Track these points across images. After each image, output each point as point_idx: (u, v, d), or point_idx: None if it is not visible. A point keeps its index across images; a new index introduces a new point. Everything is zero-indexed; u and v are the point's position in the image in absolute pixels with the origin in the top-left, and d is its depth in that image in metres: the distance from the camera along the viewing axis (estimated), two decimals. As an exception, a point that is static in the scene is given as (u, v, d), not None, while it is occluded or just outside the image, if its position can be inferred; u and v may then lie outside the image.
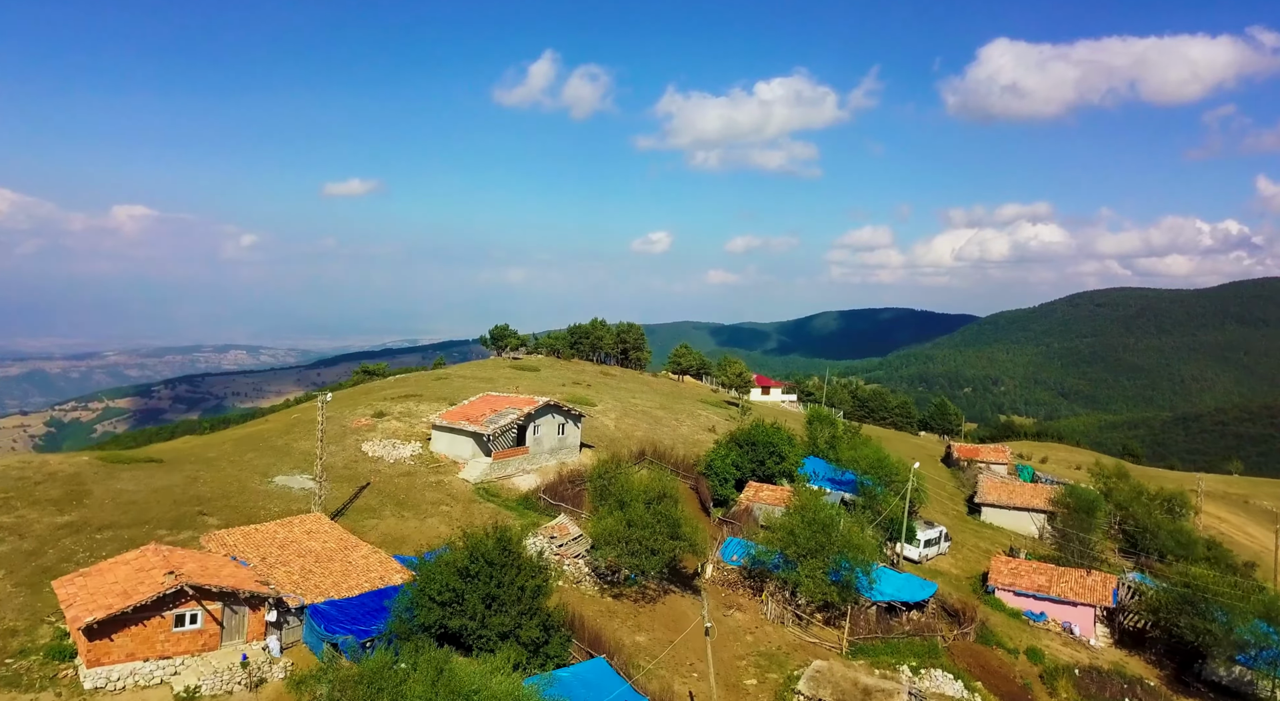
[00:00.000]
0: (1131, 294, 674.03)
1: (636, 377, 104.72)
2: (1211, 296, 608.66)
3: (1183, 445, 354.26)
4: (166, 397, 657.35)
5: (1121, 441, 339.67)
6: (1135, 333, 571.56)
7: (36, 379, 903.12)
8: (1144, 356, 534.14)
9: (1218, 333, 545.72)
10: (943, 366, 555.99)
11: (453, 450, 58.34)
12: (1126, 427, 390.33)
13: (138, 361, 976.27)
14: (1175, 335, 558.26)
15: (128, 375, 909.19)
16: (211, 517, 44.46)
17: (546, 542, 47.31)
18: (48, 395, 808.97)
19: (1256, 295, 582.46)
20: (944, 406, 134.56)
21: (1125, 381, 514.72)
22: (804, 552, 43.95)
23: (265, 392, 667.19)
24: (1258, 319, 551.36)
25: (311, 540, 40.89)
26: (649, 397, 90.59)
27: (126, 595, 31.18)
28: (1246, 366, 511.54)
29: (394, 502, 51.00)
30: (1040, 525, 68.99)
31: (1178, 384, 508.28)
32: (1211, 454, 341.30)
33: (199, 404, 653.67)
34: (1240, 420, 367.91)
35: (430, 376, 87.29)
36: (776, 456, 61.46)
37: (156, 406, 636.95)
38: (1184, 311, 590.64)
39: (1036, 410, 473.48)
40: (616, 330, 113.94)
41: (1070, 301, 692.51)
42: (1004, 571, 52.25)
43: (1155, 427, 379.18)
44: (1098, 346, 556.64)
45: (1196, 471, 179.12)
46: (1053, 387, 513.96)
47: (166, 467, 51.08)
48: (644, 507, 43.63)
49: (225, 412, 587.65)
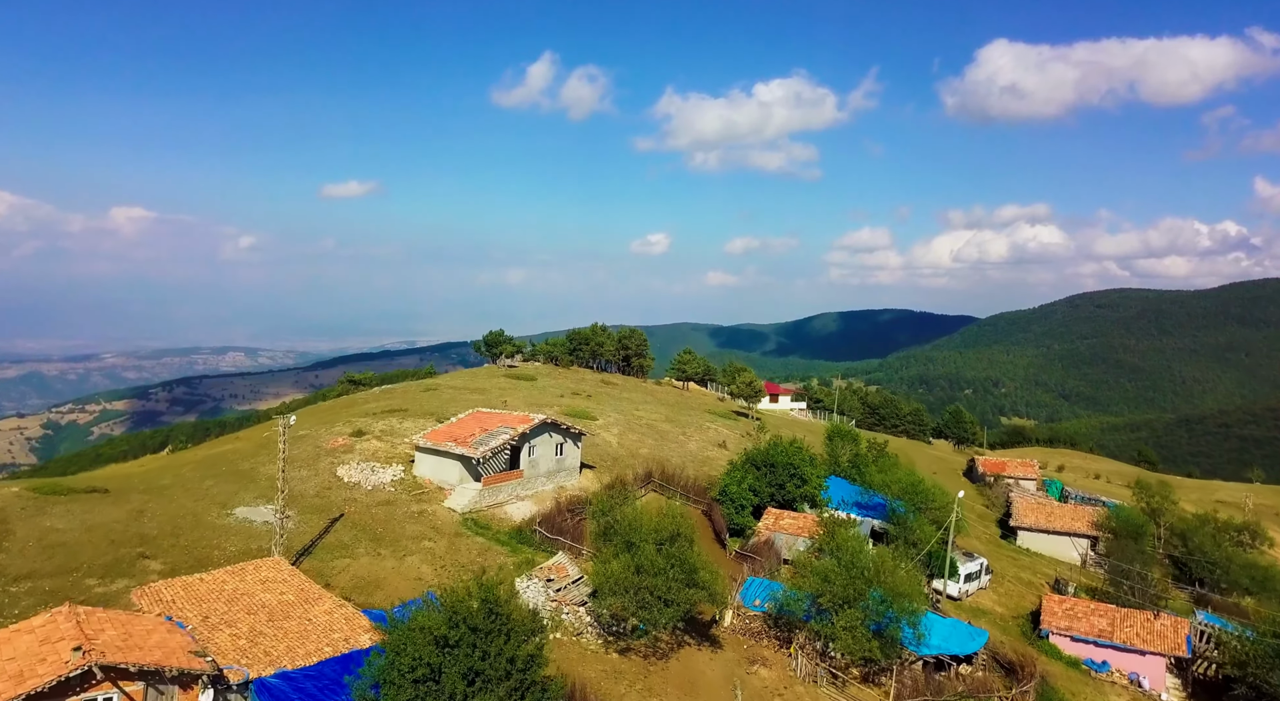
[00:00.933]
0: (1131, 295, 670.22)
1: (639, 386, 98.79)
2: (1212, 297, 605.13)
3: (1186, 448, 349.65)
4: (164, 400, 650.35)
5: (1135, 447, 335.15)
6: (1136, 334, 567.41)
7: (34, 381, 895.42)
8: (1145, 358, 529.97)
9: (1218, 334, 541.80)
10: (943, 368, 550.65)
11: (438, 475, 52.31)
12: (1129, 429, 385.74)
13: (135, 363, 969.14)
14: (1176, 336, 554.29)
15: (125, 377, 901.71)
16: (154, 561, 38.41)
17: (542, 587, 41.33)
18: (45, 397, 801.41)
19: (1257, 296, 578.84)
20: (959, 414, 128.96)
21: (1126, 383, 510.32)
22: (840, 601, 37.99)
23: (263, 395, 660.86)
24: (1258, 320, 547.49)
25: (266, 591, 34.82)
26: (653, 409, 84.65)
27: (20, 679, 25.03)
28: (1247, 368, 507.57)
29: (370, 537, 44.97)
30: (1083, 551, 63.18)
31: (1179, 385, 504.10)
32: (1216, 456, 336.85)
33: (196, 406, 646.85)
34: (1244, 422, 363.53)
35: (418, 387, 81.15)
36: (798, 479, 55.54)
37: (154, 408, 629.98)
38: (1184, 312, 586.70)
39: (1038, 412, 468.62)
40: (618, 336, 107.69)
41: (1070, 302, 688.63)
42: (1058, 613, 46.35)
43: (1158, 430, 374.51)
44: (1098, 348, 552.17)
45: (1213, 480, 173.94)
46: (1054, 389, 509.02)
47: (111, 499, 44.97)
48: (655, 550, 37.65)
49: (222, 414, 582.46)
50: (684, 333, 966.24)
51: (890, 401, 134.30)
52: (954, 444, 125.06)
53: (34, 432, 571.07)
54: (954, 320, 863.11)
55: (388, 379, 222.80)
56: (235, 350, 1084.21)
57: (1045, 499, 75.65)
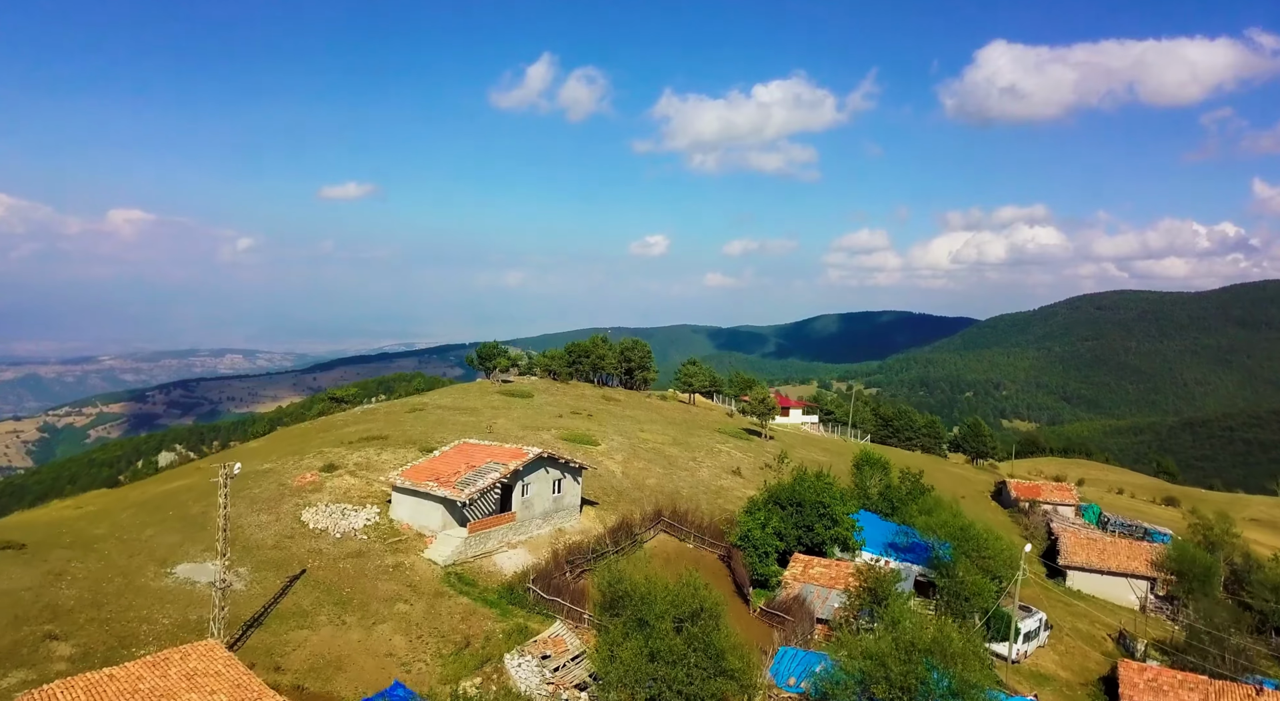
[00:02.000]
0: (1131, 297, 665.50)
1: (643, 402, 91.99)
2: (1212, 299, 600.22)
3: (1191, 452, 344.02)
4: (161, 402, 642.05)
5: (1141, 451, 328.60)
6: (1136, 336, 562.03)
7: (31, 383, 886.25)
8: (1146, 360, 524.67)
9: (1219, 336, 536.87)
10: (943, 370, 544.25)
11: (418, 519, 45.54)
12: (1133, 433, 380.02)
13: (133, 366, 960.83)
14: (1177, 338, 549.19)
15: (123, 380, 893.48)
16: (64, 643, 31.60)
17: (536, 666, 34.63)
18: (42, 400, 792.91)
19: (1258, 298, 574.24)
20: (977, 427, 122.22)
21: (1128, 385, 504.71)
22: (898, 689, 31.29)
23: (260, 397, 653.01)
24: (1259, 321, 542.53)
25: (192, 690, 28.01)
26: (660, 429, 77.92)
27: None
28: (1249, 369, 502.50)
29: (335, 600, 38.20)
30: (1142, 594, 56.62)
31: (1180, 388, 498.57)
32: (1221, 460, 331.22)
33: (193, 409, 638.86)
34: (1248, 426, 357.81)
35: (403, 408, 74.25)
36: (828, 520, 48.88)
37: (150, 411, 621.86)
38: (1185, 314, 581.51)
39: (1039, 415, 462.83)
40: (620, 348, 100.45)
41: (1070, 304, 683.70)
42: (1139, 685, 39.70)
43: (1161, 433, 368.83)
44: (1099, 350, 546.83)
45: (1236, 491, 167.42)
46: (1055, 391, 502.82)
47: (25, 557, 38.07)
48: (674, 630, 30.95)
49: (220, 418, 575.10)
50: (683, 335, 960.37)
51: (904, 413, 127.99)
52: (971, 458, 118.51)
53: (30, 436, 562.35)
54: (953, 322, 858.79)
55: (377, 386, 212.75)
56: (233, 352, 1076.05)
57: (1093, 532, 68.97)
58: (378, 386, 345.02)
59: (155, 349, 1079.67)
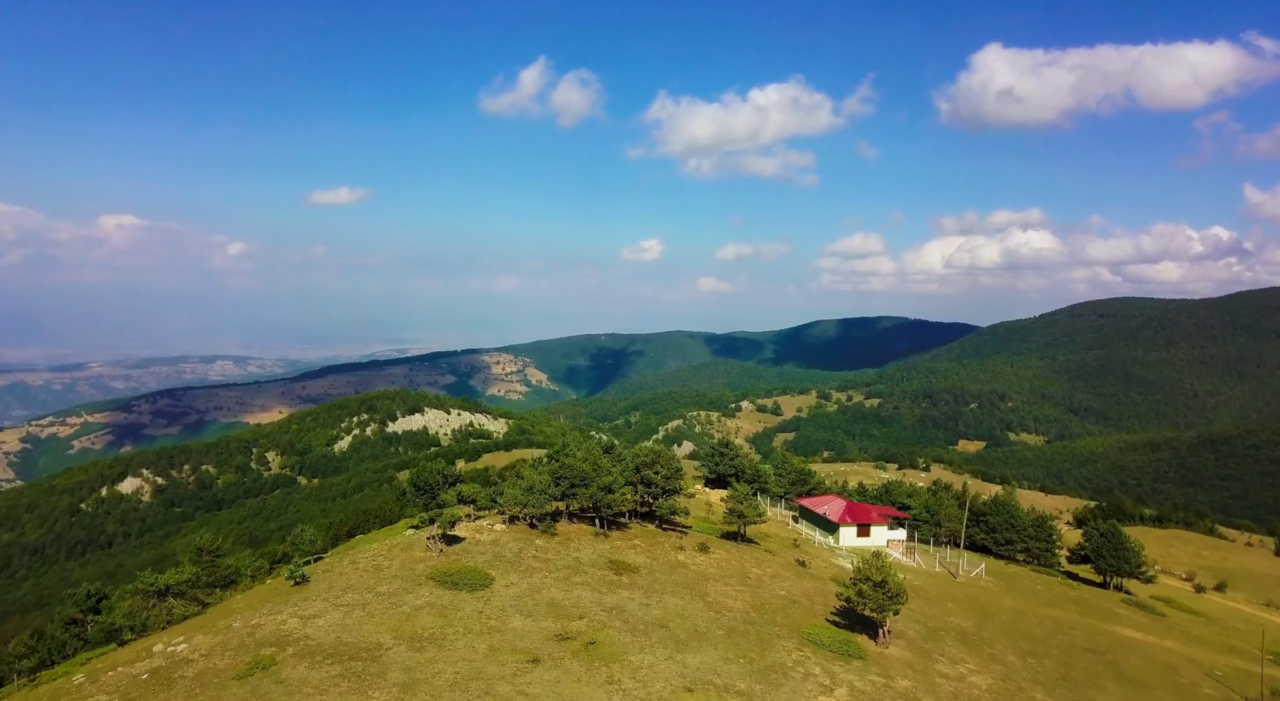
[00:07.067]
0: (1134, 303, 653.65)
1: (673, 563, 54.45)
2: (1217, 306, 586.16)
3: (1214, 471, 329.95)
4: (146, 412, 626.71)
5: (1161, 468, 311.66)
6: (1142, 345, 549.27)
7: (18, 391, 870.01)
8: (1154, 370, 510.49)
9: (1228, 345, 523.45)
10: (945, 380, 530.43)
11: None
12: (1149, 449, 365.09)
13: (123, 373, 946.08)
14: (1183, 347, 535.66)
15: (112, 387, 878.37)
16: None
17: None
18: (29, 408, 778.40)
19: (1265, 305, 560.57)
20: (1115, 536, 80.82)
21: (1137, 396, 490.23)
22: None
23: (249, 407, 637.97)
24: (1268, 330, 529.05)
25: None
26: (711, 649, 41.36)
27: None
28: (1261, 380, 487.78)
29: None
30: None
31: (1191, 399, 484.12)
32: (1248, 480, 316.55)
33: (179, 419, 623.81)
34: (1274, 443, 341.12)
35: (235, 660, 34.51)
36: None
37: (136, 421, 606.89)
38: (1191, 322, 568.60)
39: (1047, 428, 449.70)
40: (632, 459, 65.24)
41: (1072, 311, 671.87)
42: None
43: (1180, 450, 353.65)
44: (1104, 359, 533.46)
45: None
46: (1061, 403, 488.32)
47: None
48: None
49: (207, 428, 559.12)
50: (679, 341, 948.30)
51: (1002, 506, 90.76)
52: (1107, 580, 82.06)
53: (12, 447, 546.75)
54: (951, 328, 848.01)
55: (359, 405, 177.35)
56: (224, 359, 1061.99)
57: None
58: (360, 405, 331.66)
59: (145, 355, 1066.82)
